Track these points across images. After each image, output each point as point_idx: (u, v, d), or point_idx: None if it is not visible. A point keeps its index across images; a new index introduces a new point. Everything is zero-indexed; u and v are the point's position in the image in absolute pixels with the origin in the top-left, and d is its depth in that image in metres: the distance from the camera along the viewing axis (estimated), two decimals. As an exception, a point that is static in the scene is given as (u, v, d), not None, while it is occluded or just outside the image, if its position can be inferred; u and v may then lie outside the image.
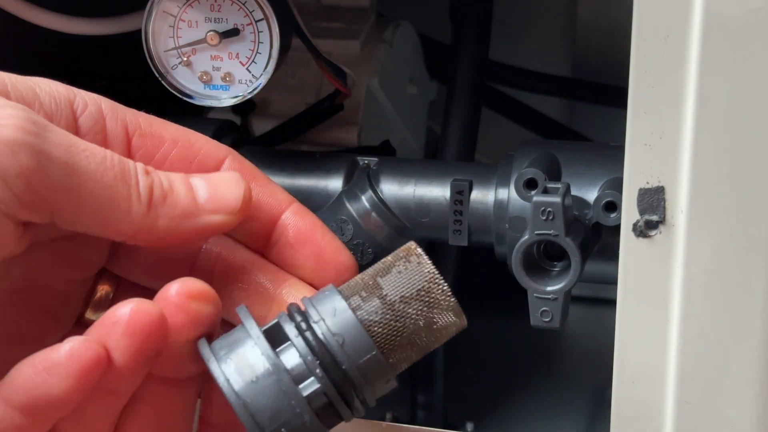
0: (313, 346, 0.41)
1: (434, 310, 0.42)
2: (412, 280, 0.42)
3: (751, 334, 0.44)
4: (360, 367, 0.41)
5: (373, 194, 0.56)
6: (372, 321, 0.42)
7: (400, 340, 0.42)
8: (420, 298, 0.42)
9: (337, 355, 0.41)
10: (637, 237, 0.44)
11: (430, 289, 0.42)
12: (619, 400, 0.47)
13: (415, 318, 0.42)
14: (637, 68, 0.42)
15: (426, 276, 0.42)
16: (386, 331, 0.42)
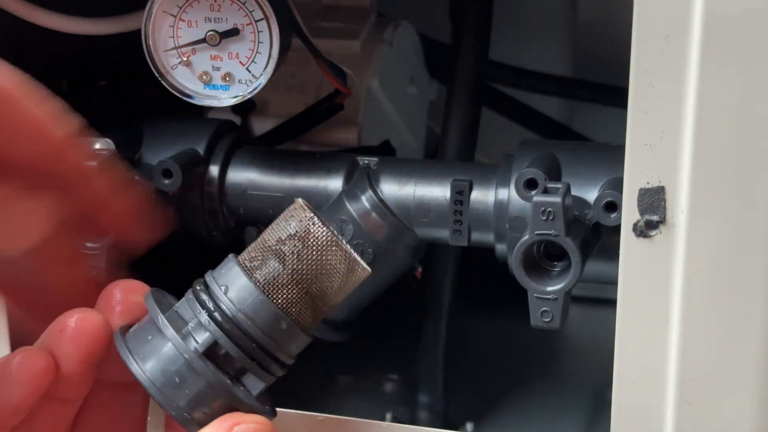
0: (212, 312, 0.42)
1: (313, 247, 0.42)
2: (289, 223, 0.43)
3: (751, 334, 0.44)
4: (247, 313, 0.42)
5: (373, 194, 0.56)
6: (253, 266, 0.43)
7: (281, 280, 0.42)
8: (296, 236, 0.43)
9: (228, 309, 0.42)
10: (637, 237, 0.44)
11: (308, 228, 0.43)
12: (619, 400, 0.47)
13: (291, 255, 0.42)
14: (637, 68, 0.42)
15: (304, 218, 0.43)
16: (266, 272, 0.42)
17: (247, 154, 0.60)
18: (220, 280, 0.43)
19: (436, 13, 0.75)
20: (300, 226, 0.43)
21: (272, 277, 0.43)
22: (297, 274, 0.43)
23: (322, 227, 0.43)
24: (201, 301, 0.43)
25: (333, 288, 0.44)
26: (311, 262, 0.43)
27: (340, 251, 0.43)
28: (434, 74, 0.83)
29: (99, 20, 0.59)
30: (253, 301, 0.42)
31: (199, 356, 0.42)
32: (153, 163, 0.58)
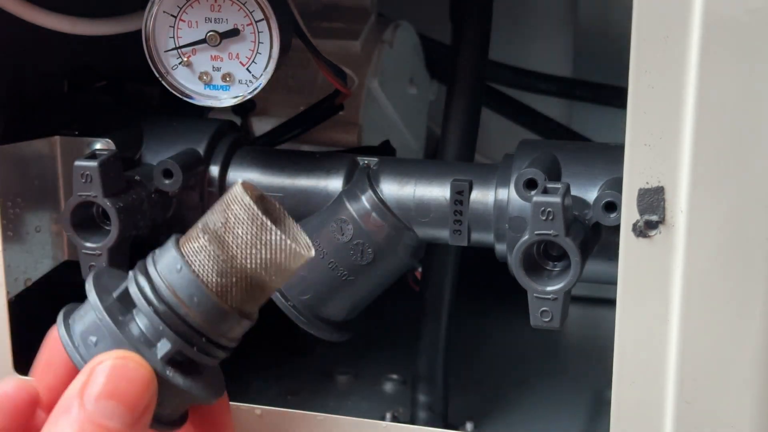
0: (151, 300, 0.42)
1: (238, 224, 0.41)
2: (220, 203, 0.42)
3: (751, 333, 0.44)
4: (172, 286, 0.42)
5: (373, 194, 0.56)
6: (184, 243, 0.42)
7: (211, 259, 0.41)
8: (222, 212, 0.42)
9: (159, 287, 0.42)
10: (637, 237, 0.44)
11: (229, 203, 0.41)
12: (619, 400, 0.47)
13: (215, 228, 0.41)
14: (637, 68, 0.42)
15: (232, 196, 0.41)
16: (193, 248, 0.42)
17: (248, 154, 0.60)
18: (157, 258, 0.43)
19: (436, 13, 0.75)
20: (226, 203, 0.42)
21: (198, 253, 0.42)
22: (229, 251, 0.41)
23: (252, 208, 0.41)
24: (135, 276, 0.43)
25: (269, 268, 0.42)
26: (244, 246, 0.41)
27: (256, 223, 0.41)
28: (434, 74, 0.83)
29: (99, 21, 0.59)
30: (179, 274, 0.42)
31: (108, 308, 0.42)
32: (153, 163, 0.58)
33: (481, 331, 0.79)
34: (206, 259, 0.42)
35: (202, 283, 0.42)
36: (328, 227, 0.56)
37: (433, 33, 0.82)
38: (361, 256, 0.56)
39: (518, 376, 0.73)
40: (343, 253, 0.56)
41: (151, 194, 0.57)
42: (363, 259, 0.56)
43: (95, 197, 0.54)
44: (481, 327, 0.79)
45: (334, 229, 0.56)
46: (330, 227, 0.56)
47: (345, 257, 0.56)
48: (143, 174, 0.58)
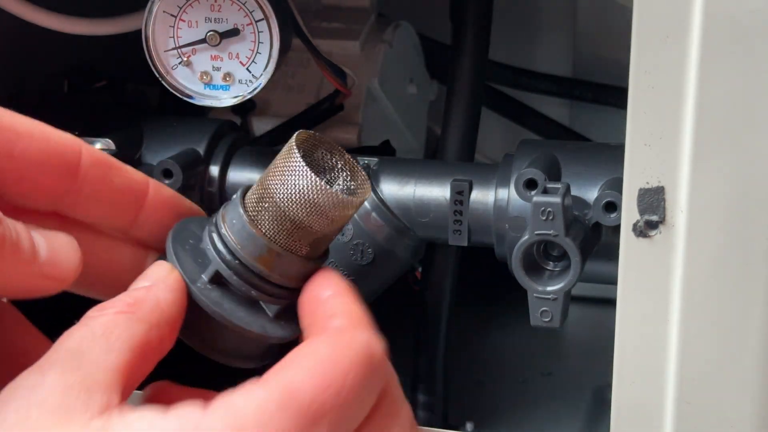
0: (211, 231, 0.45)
1: (278, 157, 0.43)
2: (278, 156, 0.43)
3: (751, 333, 0.44)
4: (225, 211, 0.44)
5: (373, 194, 0.56)
6: (248, 197, 0.44)
7: (263, 205, 0.43)
8: (277, 166, 0.43)
9: (227, 241, 0.44)
10: (637, 237, 0.44)
11: (284, 154, 0.43)
12: (619, 400, 0.47)
13: (273, 184, 0.43)
14: (637, 68, 0.42)
15: (286, 149, 0.43)
16: (253, 199, 0.44)
17: (248, 154, 0.60)
18: (226, 213, 0.45)
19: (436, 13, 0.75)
20: (282, 156, 0.43)
21: (257, 203, 0.44)
22: (277, 200, 0.43)
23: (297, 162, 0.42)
24: (210, 235, 0.45)
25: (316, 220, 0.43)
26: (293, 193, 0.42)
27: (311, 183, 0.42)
28: (434, 74, 0.83)
29: (99, 21, 0.59)
30: (240, 229, 0.44)
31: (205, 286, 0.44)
32: (153, 163, 0.58)
33: (481, 331, 0.79)
34: (253, 189, 0.44)
35: (242, 209, 0.43)
36: (328, 227, 0.56)
37: (433, 33, 0.82)
38: (361, 256, 0.56)
39: (518, 376, 0.73)
40: (343, 253, 0.56)
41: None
42: (363, 259, 0.56)
43: (95, 197, 0.54)
44: (481, 327, 0.79)
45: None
46: (330, 227, 0.56)
47: (345, 257, 0.56)
48: (143, 174, 0.58)
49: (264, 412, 0.36)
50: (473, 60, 0.64)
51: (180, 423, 0.36)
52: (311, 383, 0.37)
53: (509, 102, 0.84)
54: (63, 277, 0.41)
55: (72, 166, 0.43)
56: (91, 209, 0.45)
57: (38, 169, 0.42)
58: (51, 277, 0.40)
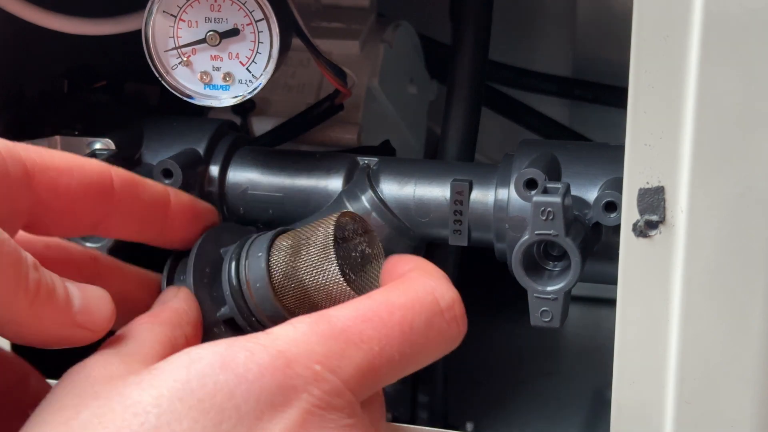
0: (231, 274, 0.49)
1: (313, 246, 0.46)
2: (320, 219, 0.47)
3: (751, 333, 0.44)
4: (249, 266, 0.48)
5: (373, 194, 0.56)
6: (282, 236, 0.48)
7: (289, 284, 0.46)
8: (314, 227, 0.47)
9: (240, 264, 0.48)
10: (637, 237, 0.44)
11: (320, 223, 0.46)
12: (619, 400, 0.47)
13: (300, 238, 0.47)
14: (637, 68, 0.42)
15: (327, 220, 0.46)
16: (280, 244, 0.47)
17: (247, 154, 0.60)
18: (249, 267, 0.48)
19: (436, 13, 0.75)
20: (321, 221, 0.47)
21: (284, 275, 0.47)
22: (299, 273, 0.47)
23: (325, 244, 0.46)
24: (229, 276, 0.49)
25: (324, 300, 0.46)
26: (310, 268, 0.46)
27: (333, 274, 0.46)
28: (434, 74, 0.83)
29: (99, 21, 0.59)
30: (264, 295, 0.47)
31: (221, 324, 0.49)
32: (153, 163, 0.58)
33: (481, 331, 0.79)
34: (283, 258, 0.47)
35: (268, 276, 0.47)
36: (328, 227, 0.56)
37: (433, 33, 0.82)
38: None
39: (518, 376, 0.73)
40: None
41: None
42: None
43: (95, 197, 0.54)
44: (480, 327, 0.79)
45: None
46: (330, 227, 0.56)
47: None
48: (143, 174, 0.57)
49: (293, 329, 0.40)
50: (473, 60, 0.64)
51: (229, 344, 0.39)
52: (347, 313, 0.40)
53: (509, 102, 0.84)
54: (97, 327, 0.42)
55: (108, 191, 0.45)
56: (125, 227, 0.47)
57: (81, 200, 0.44)
58: (85, 326, 0.41)
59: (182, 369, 0.38)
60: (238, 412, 0.37)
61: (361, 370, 0.39)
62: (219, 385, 0.37)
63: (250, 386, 0.37)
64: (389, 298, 0.42)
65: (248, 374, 0.38)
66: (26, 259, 0.39)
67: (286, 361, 0.38)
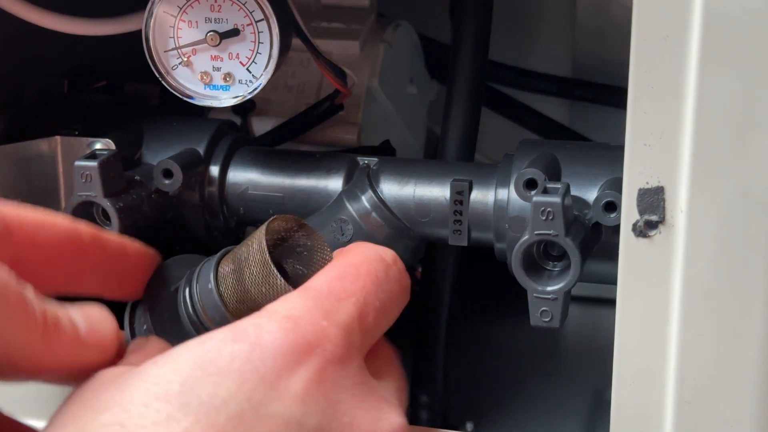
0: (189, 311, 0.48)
1: (254, 264, 0.46)
2: (251, 236, 0.47)
3: (751, 334, 0.44)
4: (203, 302, 0.47)
5: (373, 194, 0.56)
6: (223, 263, 0.47)
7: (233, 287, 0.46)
8: (248, 245, 0.47)
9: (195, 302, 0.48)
10: (636, 237, 0.44)
11: (253, 240, 0.46)
12: (618, 400, 0.47)
13: (240, 260, 0.47)
14: (636, 68, 0.42)
15: (258, 234, 0.46)
16: (224, 271, 0.47)
17: (248, 154, 0.60)
18: (201, 271, 0.48)
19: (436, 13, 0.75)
20: (253, 237, 0.46)
21: (238, 300, 0.47)
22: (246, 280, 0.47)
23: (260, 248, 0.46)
24: (189, 318, 0.48)
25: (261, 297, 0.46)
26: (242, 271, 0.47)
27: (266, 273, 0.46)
28: (434, 74, 0.83)
29: (99, 21, 0.59)
30: (204, 280, 0.47)
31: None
32: (153, 163, 0.58)
33: (481, 331, 0.79)
34: (231, 285, 0.46)
35: (224, 307, 0.46)
36: (328, 227, 0.56)
37: (433, 33, 0.82)
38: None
39: (518, 376, 0.73)
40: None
41: (151, 194, 0.57)
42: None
43: (95, 197, 0.54)
44: (481, 327, 0.79)
45: (334, 229, 0.56)
46: (330, 227, 0.56)
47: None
48: (143, 174, 0.58)
49: (288, 301, 0.42)
50: (473, 60, 0.64)
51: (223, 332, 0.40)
52: (325, 278, 0.44)
53: (509, 102, 0.84)
54: (105, 345, 0.42)
55: (79, 245, 0.45)
56: (93, 282, 0.47)
57: (57, 255, 0.44)
58: (93, 345, 0.42)
59: (196, 346, 0.39)
60: (257, 373, 0.39)
61: (356, 321, 0.43)
62: (235, 353, 0.39)
63: (265, 350, 0.39)
64: (348, 260, 0.45)
65: (261, 340, 0.40)
66: (32, 295, 0.40)
67: (294, 323, 0.41)
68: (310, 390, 0.39)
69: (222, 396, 0.38)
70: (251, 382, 0.38)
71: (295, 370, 0.40)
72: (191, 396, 0.37)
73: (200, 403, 0.37)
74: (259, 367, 0.39)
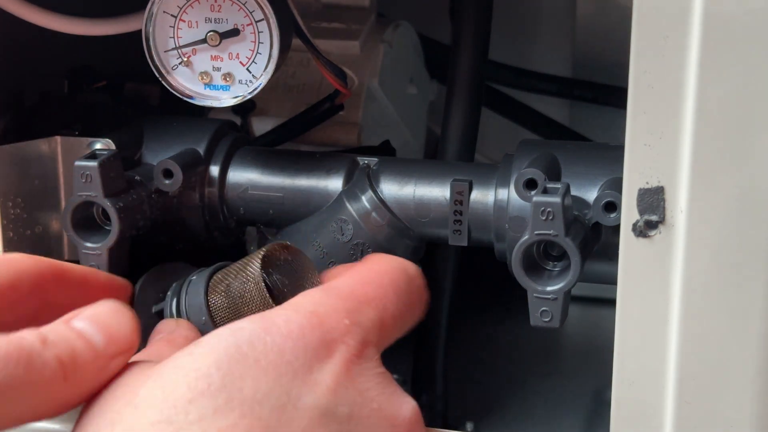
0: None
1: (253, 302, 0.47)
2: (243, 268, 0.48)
3: (751, 333, 0.44)
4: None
5: (373, 194, 0.56)
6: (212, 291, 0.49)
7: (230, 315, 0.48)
8: (242, 282, 0.48)
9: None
10: (636, 237, 0.44)
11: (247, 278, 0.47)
12: (618, 400, 0.47)
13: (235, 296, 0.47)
14: (636, 68, 0.42)
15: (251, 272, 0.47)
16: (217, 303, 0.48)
17: (248, 154, 0.60)
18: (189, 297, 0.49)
19: (436, 13, 0.76)
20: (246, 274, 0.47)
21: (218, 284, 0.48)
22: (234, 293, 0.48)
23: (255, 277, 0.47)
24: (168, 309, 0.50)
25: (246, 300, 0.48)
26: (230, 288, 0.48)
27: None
28: (434, 74, 0.83)
29: (99, 21, 0.59)
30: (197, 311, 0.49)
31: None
32: (153, 163, 0.58)
33: (481, 331, 0.79)
34: (227, 320, 0.47)
35: (208, 315, 0.47)
36: (328, 227, 0.56)
37: (433, 33, 0.82)
38: (361, 256, 0.56)
39: (518, 376, 0.73)
40: (343, 253, 0.56)
41: (151, 194, 0.57)
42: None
43: (95, 197, 0.54)
44: (481, 327, 0.79)
45: (334, 229, 0.56)
46: (330, 227, 0.56)
47: (345, 257, 0.56)
48: (143, 174, 0.58)
49: (311, 297, 0.43)
50: (473, 60, 0.64)
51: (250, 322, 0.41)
52: (349, 281, 0.45)
53: (509, 102, 0.84)
54: (125, 345, 0.42)
55: (41, 281, 0.45)
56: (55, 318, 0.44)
57: (19, 287, 0.44)
58: (115, 353, 0.41)
59: (229, 337, 0.40)
60: (291, 367, 0.40)
61: (376, 325, 0.44)
62: (268, 345, 0.40)
63: (296, 343, 0.41)
64: (373, 267, 0.46)
65: (291, 333, 0.41)
66: (37, 352, 0.39)
67: (320, 319, 0.42)
68: (340, 381, 0.41)
69: (263, 390, 0.39)
70: (287, 375, 0.40)
71: (324, 362, 0.41)
72: (233, 390, 0.38)
73: (243, 399, 0.38)
74: (293, 361, 0.40)
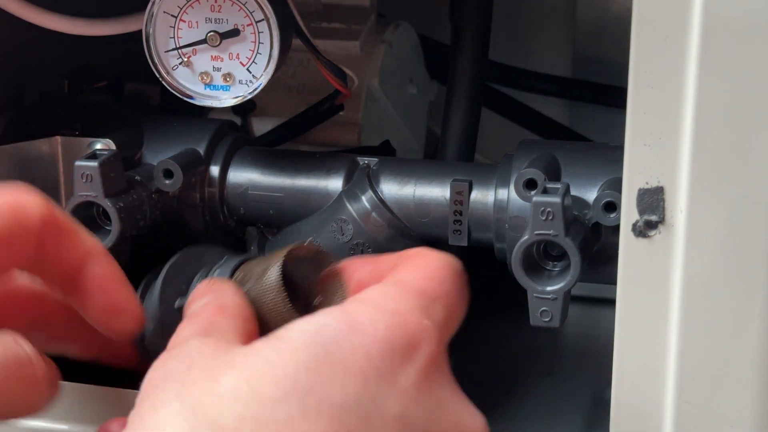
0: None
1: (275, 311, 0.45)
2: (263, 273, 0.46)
3: (751, 333, 0.44)
4: None
5: (373, 194, 0.56)
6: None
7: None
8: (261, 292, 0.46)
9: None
10: (636, 237, 0.44)
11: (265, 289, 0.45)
12: (618, 400, 0.47)
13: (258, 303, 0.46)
14: (636, 68, 0.42)
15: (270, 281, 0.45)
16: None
17: (248, 154, 0.60)
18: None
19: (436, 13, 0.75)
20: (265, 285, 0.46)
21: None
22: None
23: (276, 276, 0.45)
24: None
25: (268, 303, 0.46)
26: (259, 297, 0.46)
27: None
28: (434, 74, 0.83)
29: (99, 21, 0.59)
30: None
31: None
32: (153, 163, 0.58)
33: (481, 331, 0.79)
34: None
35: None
36: (328, 227, 0.56)
37: (433, 33, 0.82)
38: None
39: (518, 376, 0.73)
40: (343, 253, 0.56)
41: (151, 194, 0.57)
42: (363, 259, 0.56)
43: (96, 197, 0.54)
44: (481, 327, 0.79)
45: (334, 229, 0.56)
46: (330, 227, 0.56)
47: (345, 257, 0.56)
48: (143, 174, 0.58)
49: (388, 294, 0.41)
50: (473, 60, 0.64)
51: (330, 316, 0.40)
52: (414, 276, 0.43)
53: (509, 102, 0.84)
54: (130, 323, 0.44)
55: (37, 232, 0.44)
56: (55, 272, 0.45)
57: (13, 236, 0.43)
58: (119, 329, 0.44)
59: (314, 336, 0.38)
60: (377, 371, 0.38)
61: (444, 323, 0.43)
62: (355, 347, 0.38)
63: (382, 345, 0.39)
64: (429, 263, 0.43)
65: (377, 334, 0.39)
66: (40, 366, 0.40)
67: (403, 319, 0.40)
68: (420, 387, 0.40)
69: (351, 396, 0.37)
70: (373, 381, 0.38)
71: (405, 366, 0.40)
72: (322, 394, 0.37)
73: (332, 404, 0.37)
74: (379, 365, 0.39)
